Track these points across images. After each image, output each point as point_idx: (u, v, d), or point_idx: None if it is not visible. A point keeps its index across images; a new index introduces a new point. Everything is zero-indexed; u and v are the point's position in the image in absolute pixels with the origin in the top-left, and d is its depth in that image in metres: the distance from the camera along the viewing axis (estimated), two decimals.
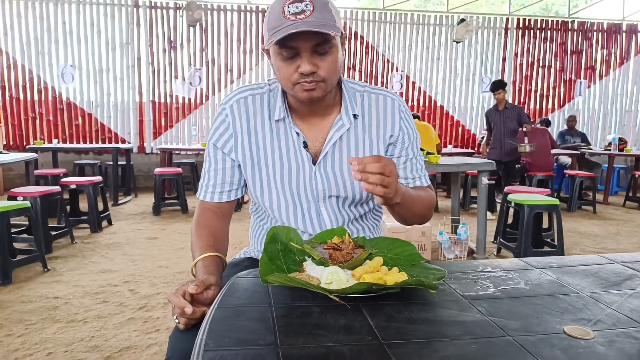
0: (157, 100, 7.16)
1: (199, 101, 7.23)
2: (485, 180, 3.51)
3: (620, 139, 6.68)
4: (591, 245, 4.11)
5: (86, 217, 4.30)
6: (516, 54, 7.90)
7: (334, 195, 1.12)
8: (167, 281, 2.97)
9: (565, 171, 6.32)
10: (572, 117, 7.19)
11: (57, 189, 3.79)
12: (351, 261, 0.86)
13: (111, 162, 5.81)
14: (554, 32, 7.95)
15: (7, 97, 6.77)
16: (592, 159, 6.91)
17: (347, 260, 0.87)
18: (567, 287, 0.85)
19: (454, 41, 7.52)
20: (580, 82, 7.93)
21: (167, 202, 5.36)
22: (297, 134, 1.10)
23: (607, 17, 8.10)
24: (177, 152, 6.73)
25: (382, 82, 7.57)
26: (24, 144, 6.72)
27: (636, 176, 6.36)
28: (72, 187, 4.27)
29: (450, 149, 7.14)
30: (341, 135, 1.10)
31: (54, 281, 2.92)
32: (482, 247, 3.52)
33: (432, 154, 3.61)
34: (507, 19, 7.83)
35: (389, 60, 7.62)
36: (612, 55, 8.11)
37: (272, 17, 0.95)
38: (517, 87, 7.95)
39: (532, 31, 7.89)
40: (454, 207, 4.09)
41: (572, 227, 4.77)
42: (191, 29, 7.05)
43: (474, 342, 0.63)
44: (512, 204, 3.51)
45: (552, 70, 8.00)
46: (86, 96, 6.98)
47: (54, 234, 3.69)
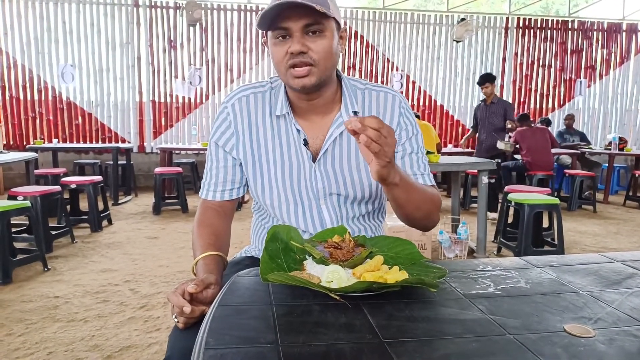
0: (157, 99, 7.16)
1: (199, 101, 7.23)
2: (485, 179, 3.52)
3: (620, 139, 6.67)
4: (591, 244, 4.11)
5: (86, 217, 4.30)
6: (516, 54, 7.90)
7: (334, 193, 1.12)
8: (167, 280, 2.97)
9: (565, 170, 6.32)
10: (569, 116, 7.18)
11: (58, 188, 3.80)
12: (352, 260, 0.86)
13: (111, 162, 5.81)
14: (554, 31, 7.95)
15: (7, 97, 6.77)
16: (592, 158, 6.91)
17: (348, 258, 0.87)
18: (568, 286, 0.85)
19: (454, 40, 7.52)
20: (580, 82, 7.93)
21: (167, 201, 5.36)
22: (297, 130, 1.09)
23: (607, 17, 8.10)
24: (177, 151, 6.73)
25: (382, 82, 7.57)
26: (24, 143, 6.72)
27: (636, 175, 6.36)
28: (73, 186, 4.27)
29: (450, 148, 7.14)
30: (341, 132, 1.09)
31: (55, 280, 2.93)
32: (482, 247, 3.52)
33: (433, 153, 3.62)
34: (507, 19, 7.82)
35: (389, 59, 7.62)
36: (612, 54, 8.11)
37: (269, 4, 0.97)
38: (517, 87, 7.95)
39: (532, 30, 7.89)
40: (454, 207, 4.10)
41: (572, 227, 4.77)
42: (191, 29, 7.05)
43: (474, 340, 0.63)
44: (513, 204, 3.51)
45: (552, 69, 8.00)
46: (86, 96, 6.98)
47: (54, 233, 3.69)
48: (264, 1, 7.28)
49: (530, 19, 7.90)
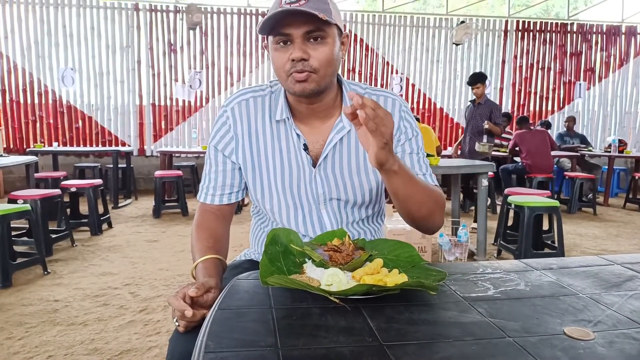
0: (157, 103, 7.16)
1: (199, 104, 7.24)
2: (484, 182, 3.52)
3: (620, 141, 6.68)
4: (591, 246, 4.11)
5: (86, 220, 4.30)
6: (516, 56, 7.91)
7: (334, 198, 1.12)
8: (167, 284, 2.97)
9: (565, 173, 6.32)
10: (570, 118, 7.18)
11: (58, 192, 3.79)
12: (351, 263, 0.86)
13: (111, 165, 5.81)
14: (554, 34, 7.97)
15: (7, 101, 6.77)
16: (592, 160, 6.91)
17: (347, 262, 0.87)
18: (567, 289, 0.85)
19: (453, 43, 7.53)
20: (579, 84, 7.94)
21: (167, 204, 5.36)
22: (297, 135, 1.09)
23: (607, 19, 8.12)
24: (177, 154, 6.74)
25: (381, 85, 7.58)
26: (25, 147, 6.73)
27: (636, 178, 6.35)
28: (73, 190, 4.27)
29: (450, 151, 7.14)
30: (341, 137, 1.10)
31: (54, 284, 2.92)
32: (482, 249, 3.52)
33: (432, 156, 3.62)
34: (506, 21, 7.84)
35: (388, 62, 7.64)
36: (612, 57, 8.12)
37: (271, 9, 0.97)
38: (516, 89, 7.96)
39: (531, 33, 7.90)
40: (454, 209, 4.09)
41: (572, 229, 4.77)
42: (191, 32, 7.07)
43: (474, 343, 0.63)
44: (513, 206, 3.51)
45: (552, 72, 8.01)
46: (86, 99, 6.99)
47: (54, 236, 3.69)
48: (264, 5, 7.30)
49: (529, 22, 7.91)
